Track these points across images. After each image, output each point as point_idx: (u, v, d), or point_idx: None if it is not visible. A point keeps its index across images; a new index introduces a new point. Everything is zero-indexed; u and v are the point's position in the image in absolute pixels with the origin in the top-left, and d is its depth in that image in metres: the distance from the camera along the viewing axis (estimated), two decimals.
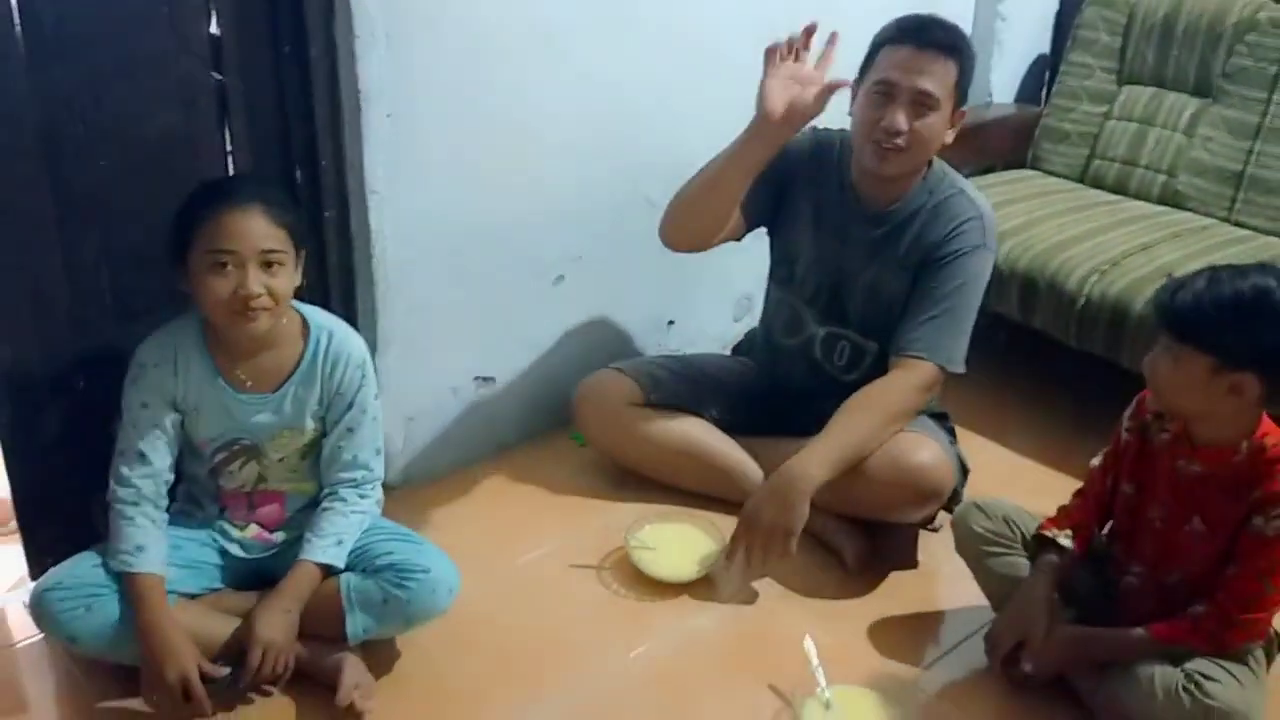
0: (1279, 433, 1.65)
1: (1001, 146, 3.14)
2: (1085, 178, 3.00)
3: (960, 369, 2.09)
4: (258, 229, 1.71)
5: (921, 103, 2.00)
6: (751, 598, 2.07)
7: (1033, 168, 3.10)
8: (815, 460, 1.97)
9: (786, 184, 2.21)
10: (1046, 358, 2.70)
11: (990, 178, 3.04)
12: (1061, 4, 3.28)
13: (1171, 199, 2.85)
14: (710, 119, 2.47)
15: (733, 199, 2.08)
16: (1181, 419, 1.69)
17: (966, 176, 3.06)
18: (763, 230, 2.27)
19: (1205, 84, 2.85)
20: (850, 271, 2.18)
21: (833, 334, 2.23)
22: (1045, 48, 3.33)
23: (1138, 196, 2.89)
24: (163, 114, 1.89)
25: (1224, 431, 1.64)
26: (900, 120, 2.00)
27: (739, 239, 2.24)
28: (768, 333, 2.37)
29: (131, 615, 1.71)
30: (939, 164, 2.16)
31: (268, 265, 1.72)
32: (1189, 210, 2.82)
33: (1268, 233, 2.69)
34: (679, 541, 2.14)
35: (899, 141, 2.01)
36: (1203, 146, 2.82)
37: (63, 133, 1.80)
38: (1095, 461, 1.89)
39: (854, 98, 2.09)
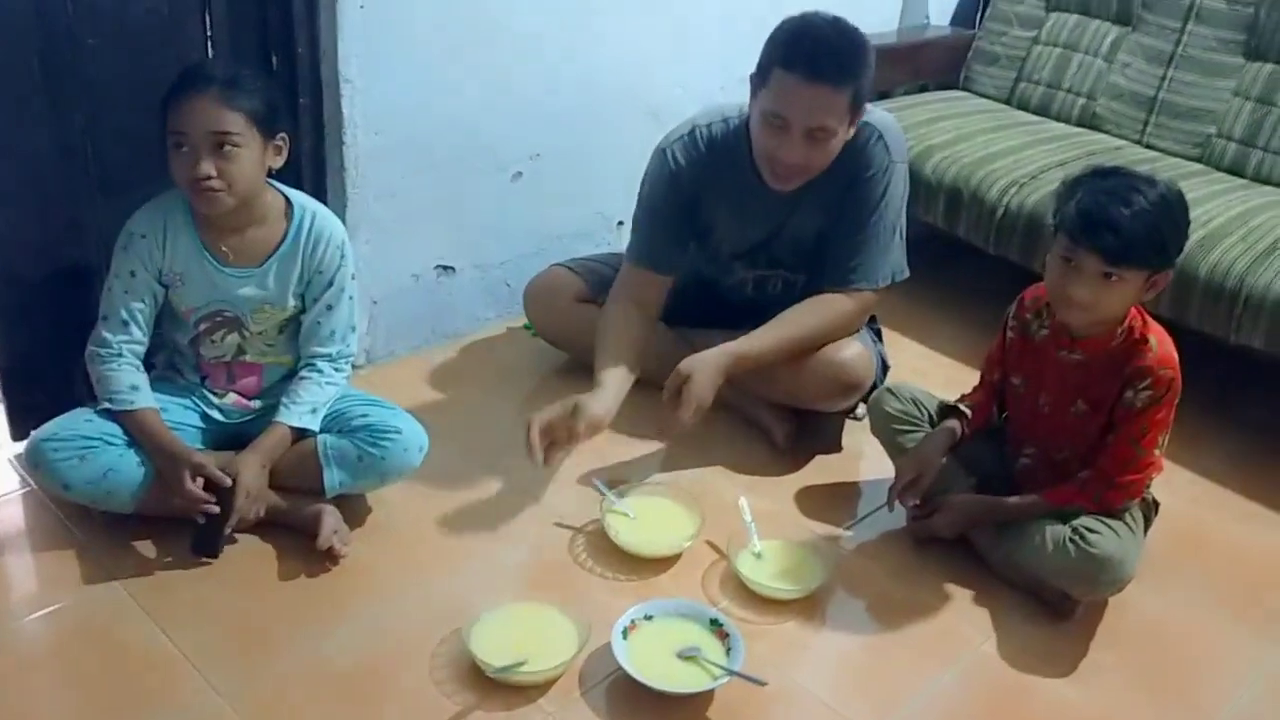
0: (1139, 314, 1.84)
1: (936, 67, 3.30)
2: (1012, 99, 3.18)
3: (904, 276, 2.22)
4: (208, 112, 1.77)
5: (815, 137, 1.98)
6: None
7: (964, 89, 3.27)
8: (743, 348, 2.08)
9: (692, 207, 2.20)
10: (967, 265, 2.90)
11: (924, 96, 3.22)
12: None
13: (1090, 121, 3.04)
14: (667, 30, 2.61)
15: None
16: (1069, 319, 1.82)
17: (902, 94, 3.24)
18: None
19: (1126, 12, 3.02)
20: (773, 228, 2.23)
21: (762, 276, 2.32)
22: None
23: (1058, 119, 3.08)
24: None
25: (1105, 324, 1.82)
26: (796, 155, 1.99)
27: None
28: (697, 270, 2.34)
29: (129, 459, 1.85)
30: None
31: (220, 147, 1.79)
32: (1105, 132, 3.01)
33: (1174, 154, 2.88)
34: (657, 515, 2.06)
35: (796, 170, 2.04)
36: (1121, 72, 3.00)
37: (52, 12, 1.87)
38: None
39: (753, 94, 2.03)
